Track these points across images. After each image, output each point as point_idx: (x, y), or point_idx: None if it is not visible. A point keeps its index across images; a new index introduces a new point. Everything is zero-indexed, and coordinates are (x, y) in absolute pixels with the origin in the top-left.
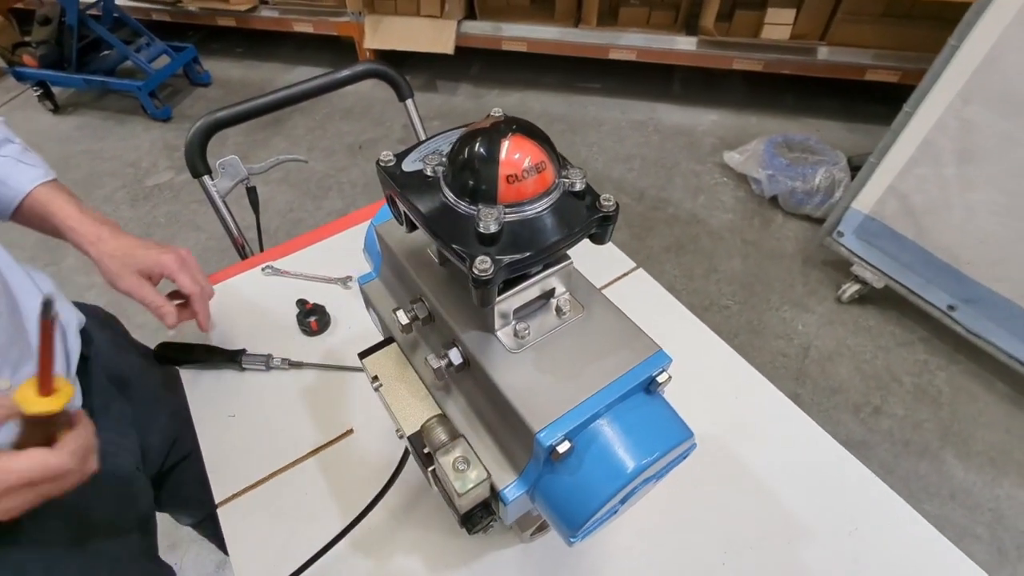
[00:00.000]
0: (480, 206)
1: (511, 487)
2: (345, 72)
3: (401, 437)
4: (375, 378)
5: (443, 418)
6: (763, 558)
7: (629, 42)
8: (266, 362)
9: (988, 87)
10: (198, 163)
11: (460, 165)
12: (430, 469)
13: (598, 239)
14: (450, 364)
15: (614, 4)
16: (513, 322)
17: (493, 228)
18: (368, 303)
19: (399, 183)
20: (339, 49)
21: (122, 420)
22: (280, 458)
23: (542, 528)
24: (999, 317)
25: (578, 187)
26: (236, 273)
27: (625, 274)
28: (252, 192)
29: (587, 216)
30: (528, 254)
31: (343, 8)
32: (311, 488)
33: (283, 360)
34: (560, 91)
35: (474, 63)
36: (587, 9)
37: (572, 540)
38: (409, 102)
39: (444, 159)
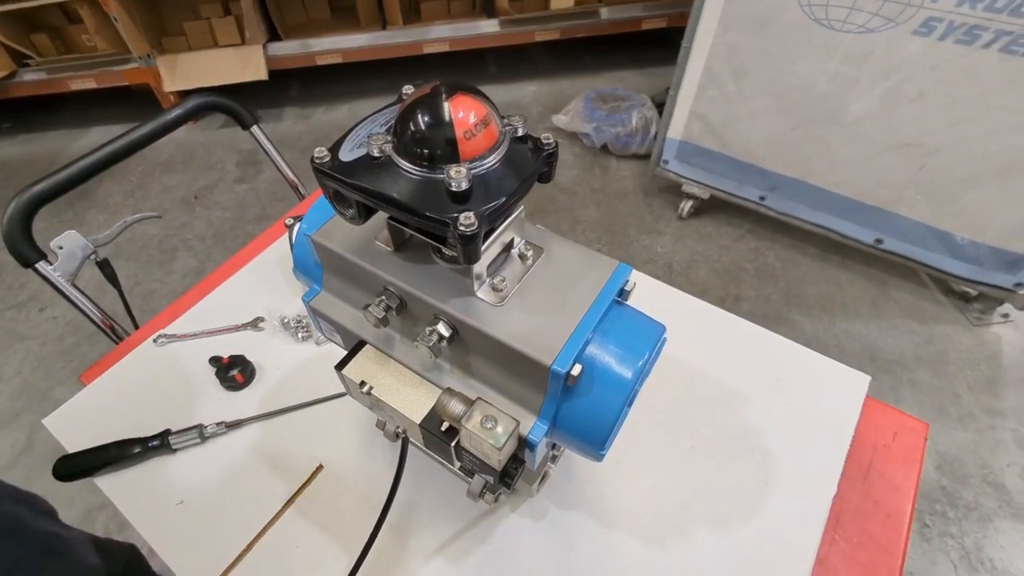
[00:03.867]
0: (445, 168)
1: (536, 428)
2: (176, 111)
3: (398, 437)
4: (362, 383)
5: (451, 391)
6: (720, 431)
7: (438, 34)
8: (199, 433)
9: (738, 14)
10: (26, 249)
11: (415, 134)
12: (454, 443)
13: (546, 177)
14: (441, 338)
15: (413, 1)
16: (487, 279)
17: (465, 185)
18: (321, 318)
19: (346, 173)
20: (135, 101)
21: None
22: (255, 523)
23: (543, 479)
24: (797, 196)
25: (520, 132)
26: (120, 356)
27: None
28: (106, 265)
29: (535, 157)
30: (502, 200)
31: (127, 54)
32: (301, 539)
33: (218, 425)
34: (386, 94)
35: (292, 84)
36: (389, 11)
37: (602, 453)
38: (255, 129)
39: (389, 136)
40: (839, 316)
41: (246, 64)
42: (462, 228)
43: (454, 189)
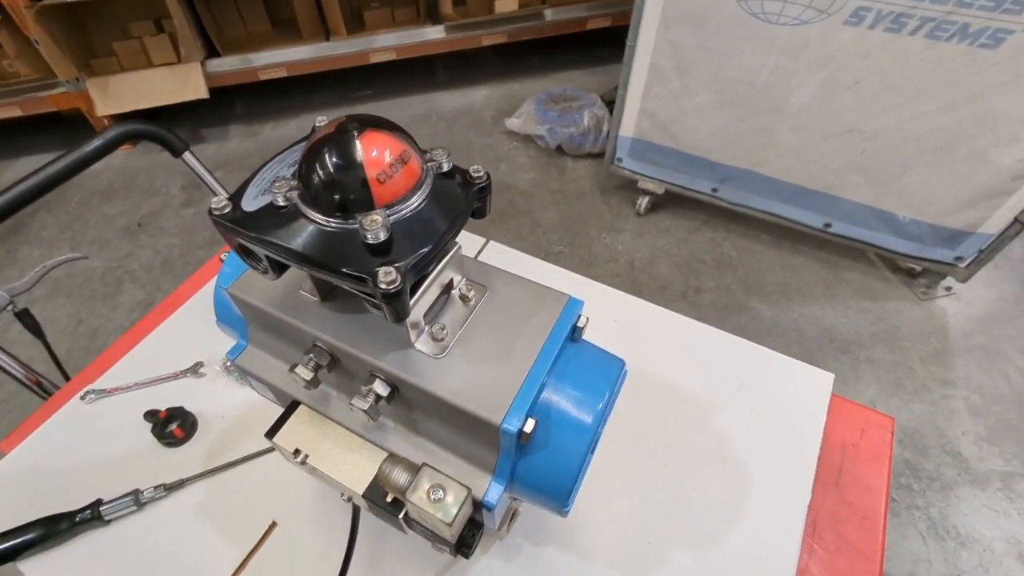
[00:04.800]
0: (359, 217)
1: (492, 490)
2: (96, 142)
3: (348, 500)
4: (296, 451)
5: (394, 457)
6: (691, 445)
7: (384, 43)
8: (135, 499)
9: (677, 11)
10: None
11: (320, 180)
12: (402, 515)
13: (480, 213)
14: (378, 398)
15: (356, 10)
16: (426, 327)
17: (383, 235)
18: (249, 376)
19: (248, 227)
20: (67, 127)
21: None
22: None
23: (513, 518)
24: (748, 186)
25: (445, 167)
26: (46, 417)
27: (481, 250)
28: (26, 316)
29: (464, 193)
30: (427, 249)
31: (52, 79)
32: None
33: (156, 488)
34: (336, 106)
35: (236, 101)
36: (332, 21)
37: (566, 510)
38: (187, 155)
39: (295, 182)
40: (796, 300)
41: (184, 83)
42: (383, 285)
43: (371, 241)
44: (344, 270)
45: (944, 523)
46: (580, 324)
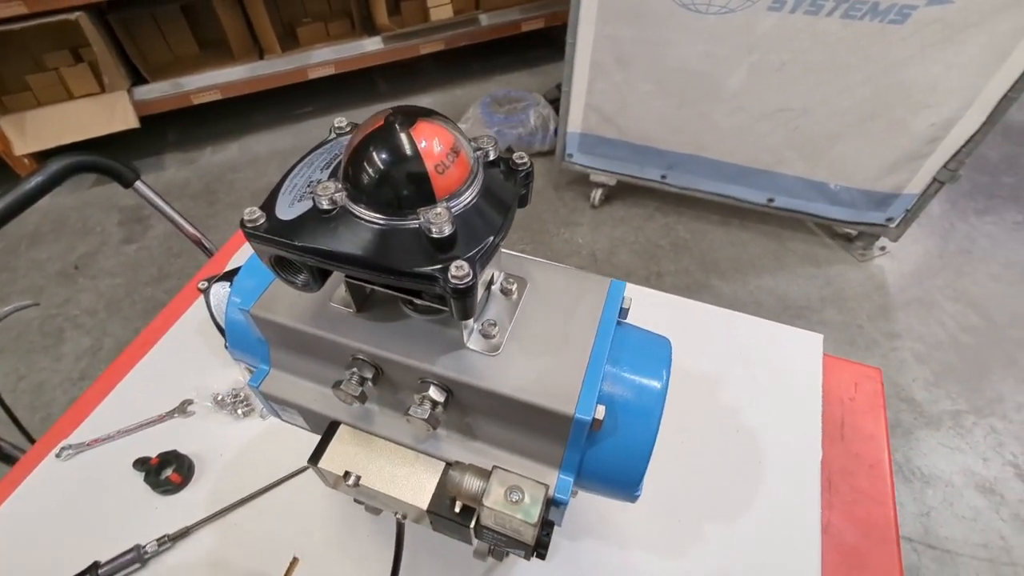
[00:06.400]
0: (420, 212)
1: (562, 484)
2: (37, 179)
3: (404, 518)
4: (346, 474)
5: (459, 465)
6: (703, 420)
7: (321, 58)
8: (137, 556)
9: (613, 6)
10: None
11: (376, 176)
12: (473, 524)
13: (524, 201)
14: (435, 404)
15: (288, 27)
16: (475, 326)
17: (448, 229)
18: (275, 403)
19: (290, 236)
20: None
21: None
22: None
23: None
24: (694, 170)
25: (492, 155)
26: (19, 482)
27: None
28: None
29: (512, 181)
30: (490, 239)
31: None
32: None
33: (160, 540)
34: (278, 125)
35: (169, 129)
36: (264, 39)
37: (637, 494)
38: (139, 184)
39: (339, 183)
40: (750, 274)
41: (111, 113)
42: (455, 281)
43: (436, 235)
44: (410, 270)
45: (908, 466)
46: (625, 306)
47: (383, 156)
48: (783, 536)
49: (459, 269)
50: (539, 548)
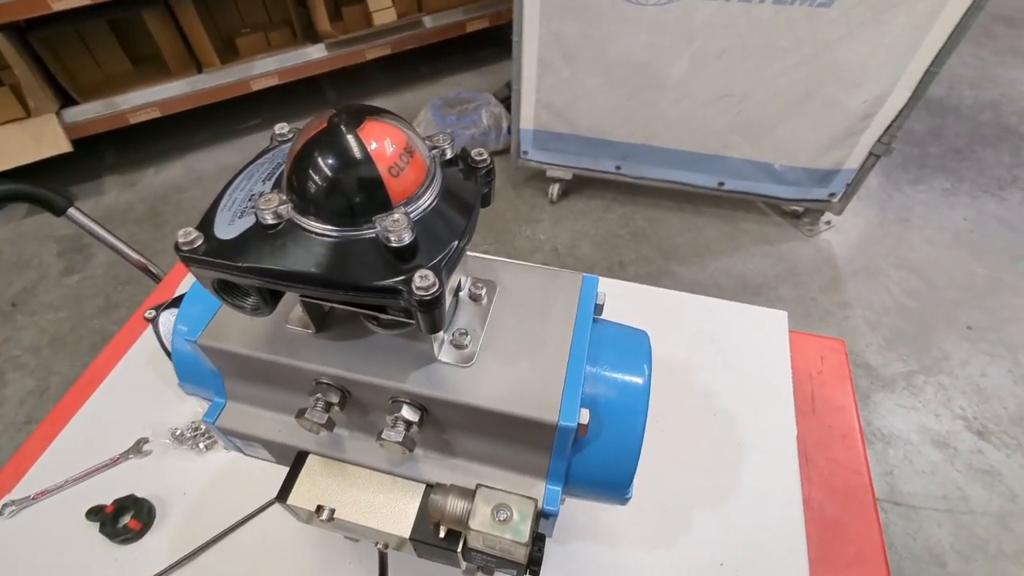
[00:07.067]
0: (376, 220)
1: (550, 495)
2: None
3: (386, 547)
4: (319, 509)
5: (440, 487)
6: (680, 407)
7: (264, 68)
8: None
9: (555, 3)
10: None
11: (322, 186)
12: (460, 548)
13: (486, 200)
14: (409, 425)
15: (226, 38)
16: (446, 337)
17: (408, 237)
18: (235, 437)
19: (233, 256)
20: None
21: None
22: None
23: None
24: (646, 159)
25: (449, 154)
26: None
27: None
28: None
29: (472, 180)
30: (455, 245)
31: None
32: None
33: None
34: (224, 141)
35: (106, 151)
36: (201, 52)
37: (627, 496)
38: (72, 211)
39: (283, 195)
40: (708, 257)
41: (39, 138)
42: (420, 293)
43: (395, 244)
44: (370, 284)
45: (869, 428)
46: (600, 302)
47: (330, 161)
48: (768, 516)
49: (424, 279)
50: (532, 566)
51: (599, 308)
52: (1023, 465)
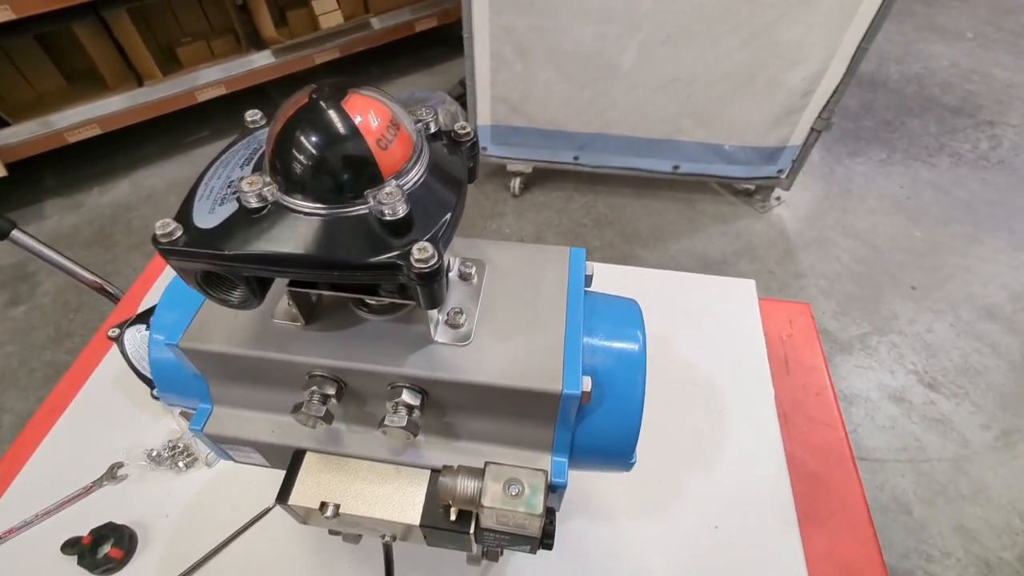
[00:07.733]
0: (368, 195)
1: (557, 467)
2: None
3: (393, 539)
4: (323, 506)
5: (447, 469)
6: (662, 379)
7: (209, 78)
8: None
9: None
10: None
11: (311, 161)
12: (473, 529)
13: (472, 175)
14: (411, 409)
15: (167, 48)
16: (440, 317)
17: (402, 210)
18: (224, 443)
19: (217, 245)
20: None
21: None
22: None
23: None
24: (603, 148)
25: (433, 128)
26: None
27: None
28: None
29: (457, 155)
30: (448, 217)
31: None
32: None
33: None
34: (172, 155)
35: (46, 172)
36: (140, 64)
37: (632, 461)
38: (16, 234)
39: (269, 176)
40: (669, 240)
41: None
42: (420, 266)
43: (390, 218)
44: (369, 261)
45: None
46: (589, 273)
47: (315, 138)
48: (756, 476)
49: (423, 251)
50: (546, 539)
51: (588, 279)
52: (971, 412)
